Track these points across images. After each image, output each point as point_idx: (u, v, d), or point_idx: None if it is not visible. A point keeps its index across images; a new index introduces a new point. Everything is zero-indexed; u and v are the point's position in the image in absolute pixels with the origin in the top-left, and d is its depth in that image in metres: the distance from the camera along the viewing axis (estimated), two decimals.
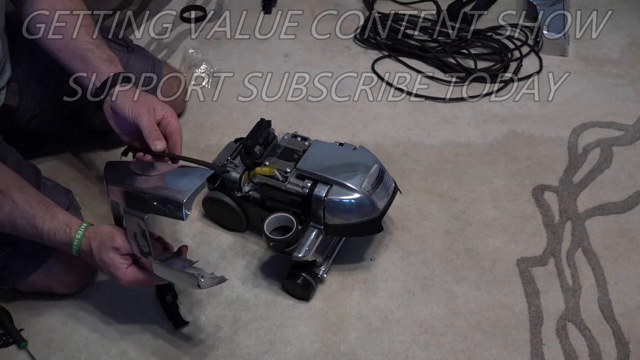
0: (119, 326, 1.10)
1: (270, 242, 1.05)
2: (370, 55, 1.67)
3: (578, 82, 1.57)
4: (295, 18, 1.80)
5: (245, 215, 1.19)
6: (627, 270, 1.16)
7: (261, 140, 1.13)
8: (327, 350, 1.06)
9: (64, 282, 1.11)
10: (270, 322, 1.10)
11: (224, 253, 1.20)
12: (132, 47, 1.34)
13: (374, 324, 1.09)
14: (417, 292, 1.13)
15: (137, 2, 1.87)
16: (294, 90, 1.57)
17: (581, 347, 1.05)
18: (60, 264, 1.08)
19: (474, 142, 1.42)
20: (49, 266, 1.08)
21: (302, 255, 1.05)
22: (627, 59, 1.63)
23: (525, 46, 1.67)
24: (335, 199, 1.05)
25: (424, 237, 1.22)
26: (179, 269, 0.94)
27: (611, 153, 1.38)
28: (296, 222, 1.05)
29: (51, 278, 1.09)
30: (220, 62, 1.65)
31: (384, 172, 1.10)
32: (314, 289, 1.11)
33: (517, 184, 1.32)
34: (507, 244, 1.21)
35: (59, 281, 1.11)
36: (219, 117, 1.50)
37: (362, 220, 1.06)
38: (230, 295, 1.14)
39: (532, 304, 1.11)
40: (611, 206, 1.27)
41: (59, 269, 1.09)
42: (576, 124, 1.45)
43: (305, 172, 1.08)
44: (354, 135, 1.44)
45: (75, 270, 1.11)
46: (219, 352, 1.06)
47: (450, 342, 1.06)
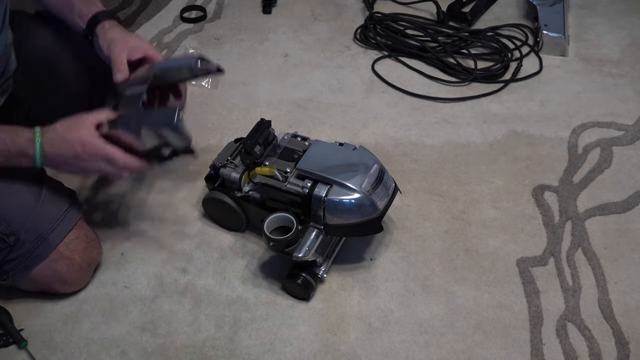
0: (119, 326, 1.10)
1: (270, 242, 1.05)
2: (370, 55, 1.67)
3: (578, 82, 1.57)
4: (295, 18, 1.80)
5: (245, 215, 1.19)
6: (627, 270, 1.16)
7: (261, 140, 1.13)
8: (327, 350, 1.06)
9: (64, 280, 1.11)
10: (270, 322, 1.10)
11: (224, 253, 1.21)
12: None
13: (374, 324, 1.09)
14: (417, 292, 1.14)
15: (137, 2, 1.87)
16: (293, 90, 1.57)
17: (581, 347, 1.05)
18: (61, 260, 1.08)
19: (474, 142, 1.42)
20: (50, 262, 1.07)
21: (302, 256, 1.05)
22: (627, 59, 1.63)
23: (525, 46, 1.67)
24: (335, 199, 1.05)
25: (424, 237, 1.22)
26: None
27: (611, 153, 1.38)
28: (296, 222, 1.05)
29: (52, 274, 1.09)
30: (220, 62, 1.63)
31: (384, 172, 1.10)
32: (314, 289, 1.12)
33: (517, 184, 1.32)
34: (507, 244, 1.21)
35: (60, 279, 1.10)
36: (219, 117, 1.50)
37: (362, 220, 1.06)
38: (230, 295, 1.14)
39: (532, 304, 1.11)
40: (611, 206, 1.27)
41: (61, 265, 1.08)
42: (576, 124, 1.45)
43: (305, 172, 1.08)
44: (354, 135, 1.44)
45: (77, 268, 1.10)
46: (219, 352, 1.06)
47: (450, 342, 1.06)
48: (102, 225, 1.23)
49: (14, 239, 1.03)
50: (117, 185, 1.33)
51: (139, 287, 1.15)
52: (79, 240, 1.10)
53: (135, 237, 1.23)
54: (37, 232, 1.04)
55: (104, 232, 1.22)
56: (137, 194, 1.31)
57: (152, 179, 1.34)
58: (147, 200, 1.30)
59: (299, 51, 1.69)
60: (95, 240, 1.15)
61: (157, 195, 1.31)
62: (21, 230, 1.03)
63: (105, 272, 1.17)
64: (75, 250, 1.09)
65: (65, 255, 1.08)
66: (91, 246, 1.13)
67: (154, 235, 1.24)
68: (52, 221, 1.07)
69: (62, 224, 1.08)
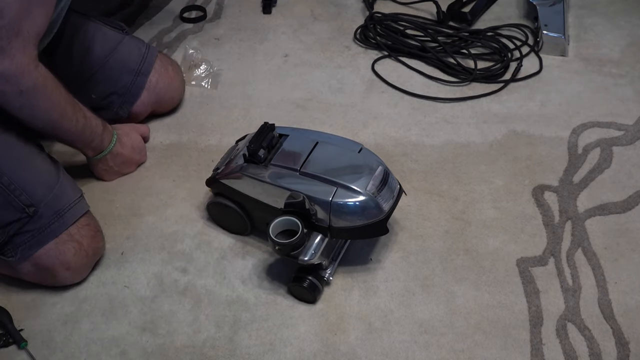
0: (119, 326, 1.10)
1: (276, 245, 1.04)
2: (370, 55, 1.67)
3: (578, 82, 1.57)
4: (295, 18, 1.80)
5: (249, 219, 1.18)
6: (627, 270, 1.16)
7: (265, 144, 1.13)
8: (327, 350, 1.06)
9: (68, 265, 1.11)
10: (270, 323, 1.10)
11: (224, 253, 1.20)
12: (126, 30, 1.40)
13: (374, 324, 1.09)
14: (417, 292, 1.14)
15: (137, 2, 1.87)
16: (293, 90, 1.57)
17: (581, 347, 1.05)
18: (70, 242, 1.10)
19: (474, 142, 1.42)
20: (60, 242, 1.09)
21: (308, 259, 1.05)
22: (627, 59, 1.63)
23: (525, 46, 1.67)
24: (340, 202, 1.05)
25: (424, 237, 1.22)
26: None
27: (611, 153, 1.38)
28: (301, 226, 1.05)
29: (58, 256, 1.09)
30: (220, 62, 1.65)
31: (388, 173, 1.10)
32: (321, 292, 1.11)
33: (517, 184, 1.32)
34: (507, 244, 1.21)
35: (64, 263, 1.10)
36: (219, 117, 1.50)
37: (367, 222, 1.06)
38: (230, 296, 1.14)
39: (532, 304, 1.11)
40: (611, 206, 1.27)
41: (69, 247, 1.10)
42: (576, 124, 1.45)
43: (309, 174, 1.08)
44: (354, 136, 1.43)
45: (83, 254, 1.11)
46: (219, 352, 1.06)
47: (450, 342, 1.06)
48: (102, 225, 1.23)
49: (33, 210, 1.06)
50: (117, 185, 1.33)
51: (139, 286, 1.15)
52: (90, 228, 1.14)
53: (135, 237, 1.23)
54: (55, 207, 1.09)
55: (104, 232, 1.22)
56: (137, 194, 1.32)
57: (152, 179, 1.34)
58: (147, 200, 1.30)
59: (299, 51, 1.69)
60: (101, 234, 1.18)
61: (157, 195, 1.31)
62: (41, 203, 1.07)
63: (105, 272, 1.18)
64: (85, 236, 1.12)
65: (75, 238, 1.10)
66: (98, 237, 1.16)
67: (154, 235, 1.24)
68: (70, 201, 1.11)
69: (78, 206, 1.12)
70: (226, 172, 1.15)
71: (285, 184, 1.08)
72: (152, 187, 1.33)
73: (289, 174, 1.09)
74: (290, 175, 1.08)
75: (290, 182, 1.08)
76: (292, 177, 1.08)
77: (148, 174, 1.36)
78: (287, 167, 1.09)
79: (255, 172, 1.11)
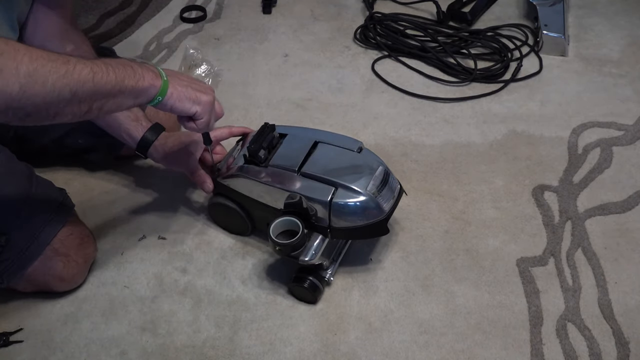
0: (119, 326, 1.10)
1: (276, 246, 1.04)
2: (370, 55, 1.67)
3: (578, 82, 1.57)
4: (295, 18, 1.80)
5: (250, 219, 1.18)
6: (627, 270, 1.16)
7: (265, 144, 1.13)
8: (327, 350, 1.06)
9: (60, 277, 1.10)
10: (270, 322, 1.10)
11: (224, 253, 1.21)
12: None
13: (374, 324, 1.09)
14: (417, 292, 1.14)
15: (137, 2, 1.87)
16: (293, 90, 1.57)
17: (581, 347, 1.05)
18: (56, 257, 1.07)
19: (474, 142, 1.42)
20: (45, 260, 1.06)
21: (308, 259, 1.05)
22: (627, 59, 1.63)
23: (525, 46, 1.67)
24: (340, 202, 1.05)
25: (424, 237, 1.22)
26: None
27: (611, 153, 1.38)
28: (302, 226, 1.05)
29: (47, 272, 1.07)
30: (220, 62, 1.65)
31: (389, 174, 1.10)
32: (321, 292, 1.11)
33: (517, 184, 1.32)
34: (507, 244, 1.21)
35: (56, 276, 1.09)
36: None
37: (367, 222, 1.06)
38: (230, 295, 1.14)
39: (532, 304, 1.11)
40: (611, 206, 1.27)
41: (56, 262, 1.07)
42: (576, 124, 1.45)
43: (310, 175, 1.07)
44: (354, 136, 1.42)
45: (73, 264, 1.10)
46: (219, 352, 1.06)
47: (450, 342, 1.06)
48: (102, 225, 1.23)
49: (5, 239, 1.02)
50: (117, 185, 1.33)
51: (139, 287, 1.15)
52: (73, 237, 1.10)
53: (135, 237, 1.23)
54: (28, 230, 1.04)
55: (104, 232, 1.22)
56: (137, 194, 1.31)
57: (152, 179, 1.34)
58: (147, 200, 1.30)
59: (299, 51, 1.69)
60: (90, 237, 1.15)
61: (157, 195, 1.31)
62: (12, 229, 1.02)
63: (105, 272, 1.17)
64: (70, 247, 1.09)
65: (60, 252, 1.07)
66: (86, 242, 1.13)
67: (154, 235, 1.24)
68: (44, 218, 1.06)
69: (54, 221, 1.07)
70: (227, 173, 1.15)
71: (285, 185, 1.08)
72: (152, 187, 1.33)
73: (288, 175, 1.09)
74: (290, 176, 1.08)
75: (290, 183, 1.08)
76: (292, 177, 1.08)
77: (148, 174, 1.35)
78: (287, 168, 1.09)
79: (255, 172, 1.11)
